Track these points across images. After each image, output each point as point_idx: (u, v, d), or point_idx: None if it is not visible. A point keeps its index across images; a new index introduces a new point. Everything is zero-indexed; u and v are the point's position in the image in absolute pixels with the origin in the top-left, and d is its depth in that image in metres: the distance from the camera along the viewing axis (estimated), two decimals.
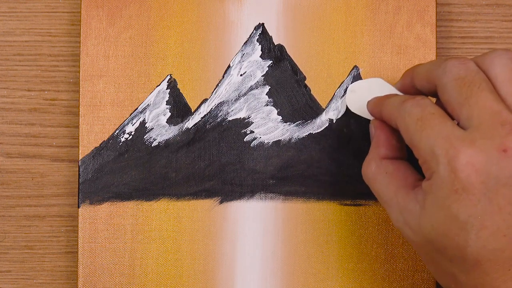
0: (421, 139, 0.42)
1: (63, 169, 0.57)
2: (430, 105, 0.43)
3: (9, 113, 0.57)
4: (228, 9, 0.55)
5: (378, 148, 0.47)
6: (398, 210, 0.44)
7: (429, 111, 0.43)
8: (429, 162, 0.42)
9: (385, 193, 0.45)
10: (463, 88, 0.42)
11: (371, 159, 0.47)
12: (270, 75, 0.55)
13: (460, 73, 0.43)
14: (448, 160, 0.40)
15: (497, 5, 0.57)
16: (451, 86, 0.43)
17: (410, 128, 0.43)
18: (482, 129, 0.41)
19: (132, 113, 0.54)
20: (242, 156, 0.54)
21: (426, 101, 0.44)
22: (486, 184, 0.40)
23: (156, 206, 0.54)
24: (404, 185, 0.45)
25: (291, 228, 0.54)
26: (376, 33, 0.55)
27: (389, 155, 0.47)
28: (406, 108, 0.44)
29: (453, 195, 0.40)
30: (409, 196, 0.44)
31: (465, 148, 0.40)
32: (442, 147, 0.41)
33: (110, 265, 0.54)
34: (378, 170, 0.46)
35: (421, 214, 0.43)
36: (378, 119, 0.48)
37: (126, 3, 0.55)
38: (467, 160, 0.40)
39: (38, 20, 0.57)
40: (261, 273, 0.54)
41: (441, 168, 0.41)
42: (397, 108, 0.45)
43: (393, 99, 0.46)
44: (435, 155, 0.41)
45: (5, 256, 0.57)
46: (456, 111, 0.42)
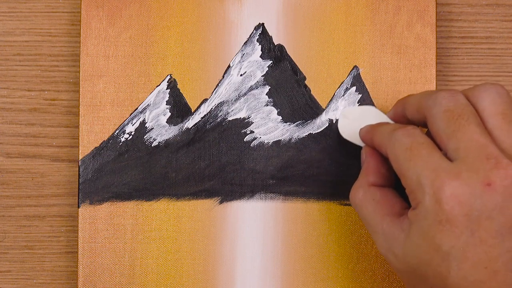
0: (409, 168, 0.43)
1: (63, 169, 0.57)
2: (420, 135, 0.44)
3: (9, 113, 0.57)
4: (228, 9, 0.55)
5: (367, 175, 0.48)
6: (384, 237, 0.45)
7: (418, 141, 0.43)
8: (416, 192, 0.42)
9: (372, 219, 0.46)
10: (452, 121, 0.43)
11: (360, 186, 0.48)
12: (270, 75, 0.55)
13: (449, 105, 0.44)
14: (433, 191, 0.41)
15: (497, 5, 0.57)
16: (440, 117, 0.43)
17: (399, 157, 0.44)
18: (468, 162, 0.41)
19: (132, 113, 0.54)
20: (242, 156, 0.54)
21: (416, 131, 0.44)
22: (469, 216, 0.41)
23: (156, 206, 0.54)
24: (391, 212, 0.46)
25: (291, 228, 0.54)
26: (376, 33, 0.55)
27: (377, 183, 0.48)
28: (397, 136, 0.44)
29: (437, 225, 0.41)
30: (395, 224, 0.45)
31: (450, 180, 0.41)
32: (428, 177, 0.42)
33: (110, 265, 0.54)
34: (365, 196, 0.47)
35: (405, 242, 0.43)
36: (369, 146, 0.49)
37: (126, 3, 0.55)
38: (451, 192, 0.41)
39: (38, 20, 0.57)
40: (261, 273, 0.54)
41: (427, 199, 0.41)
42: (388, 136, 0.45)
43: (384, 127, 0.47)
44: (422, 185, 0.42)
45: (5, 256, 0.57)
46: (444, 143, 0.43)
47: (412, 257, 0.43)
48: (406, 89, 0.54)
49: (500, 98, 0.44)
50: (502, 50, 0.57)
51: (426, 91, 0.48)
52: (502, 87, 0.44)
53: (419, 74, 0.54)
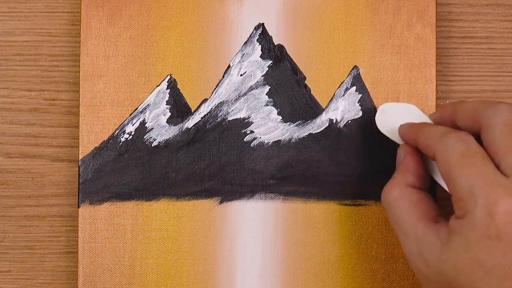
0: (461, 175, 0.41)
1: (63, 169, 0.57)
2: (475, 143, 0.43)
3: (9, 113, 0.57)
4: (228, 9, 0.55)
5: (405, 175, 0.47)
6: (416, 241, 0.44)
7: (473, 149, 0.42)
8: (465, 201, 0.41)
9: (405, 221, 0.45)
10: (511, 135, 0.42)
11: (396, 184, 0.46)
12: (270, 75, 0.55)
13: (510, 118, 0.42)
14: (487, 203, 0.40)
15: (497, 5, 0.57)
16: (500, 130, 0.42)
17: (451, 162, 0.42)
18: None
19: (132, 113, 0.54)
20: (242, 156, 0.54)
21: (471, 139, 0.43)
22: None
23: (156, 206, 0.54)
24: (426, 217, 0.44)
25: (291, 228, 0.54)
26: (376, 33, 0.55)
27: (415, 184, 0.46)
28: (449, 140, 0.43)
29: (485, 240, 0.40)
30: (430, 230, 0.43)
31: (506, 196, 0.40)
32: (482, 189, 0.40)
33: (110, 265, 0.54)
34: (401, 196, 0.46)
35: (442, 251, 0.42)
36: (410, 145, 0.48)
37: (126, 3, 0.55)
38: (506, 208, 0.40)
39: (38, 20, 0.57)
40: (261, 273, 0.54)
41: (478, 210, 0.40)
42: (439, 139, 0.44)
43: (434, 129, 0.46)
44: (474, 195, 0.41)
45: (5, 256, 0.57)
46: (499, 156, 0.42)
47: (449, 267, 0.42)
48: (406, 89, 0.54)
49: None
50: (502, 50, 0.57)
51: (484, 100, 0.47)
52: None
53: (419, 74, 0.54)
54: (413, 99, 0.54)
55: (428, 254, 0.43)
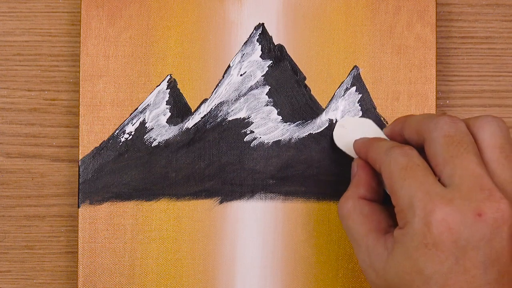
0: (402, 187, 0.43)
1: (63, 169, 0.57)
2: (417, 156, 0.44)
3: (9, 113, 0.57)
4: (228, 9, 0.55)
5: (358, 188, 0.48)
6: (366, 251, 0.45)
7: (415, 162, 0.44)
8: (405, 212, 0.42)
9: (357, 233, 0.46)
10: (450, 146, 0.43)
11: (349, 197, 0.48)
12: (270, 75, 0.55)
13: (450, 131, 0.44)
14: (424, 213, 0.41)
15: (497, 5, 0.57)
16: (439, 142, 0.44)
17: (394, 175, 0.44)
18: (462, 190, 0.42)
19: (132, 113, 0.54)
20: (242, 156, 0.54)
21: (414, 152, 0.44)
22: (456, 244, 0.41)
23: (156, 206, 0.54)
24: (376, 228, 0.46)
25: (291, 228, 0.54)
26: (376, 33, 0.55)
27: (367, 196, 0.48)
28: (393, 154, 0.45)
29: (423, 248, 0.41)
30: (379, 241, 0.45)
31: (442, 205, 0.41)
32: (421, 199, 0.42)
33: (110, 265, 0.54)
34: (354, 208, 0.47)
35: (387, 260, 0.43)
36: (362, 159, 0.49)
37: (126, 3, 0.55)
38: (442, 217, 0.41)
39: (38, 20, 0.57)
40: (261, 273, 0.54)
41: (416, 220, 0.42)
42: (384, 153, 0.45)
43: (382, 144, 0.47)
44: (413, 206, 0.42)
45: (5, 256, 0.57)
46: (440, 167, 0.43)
47: (392, 276, 0.43)
48: (406, 89, 0.54)
49: (501, 131, 0.44)
50: (502, 50, 0.57)
51: (427, 114, 0.48)
52: (503, 121, 0.45)
53: (419, 74, 0.54)
54: (413, 99, 0.54)
55: (377, 263, 0.44)
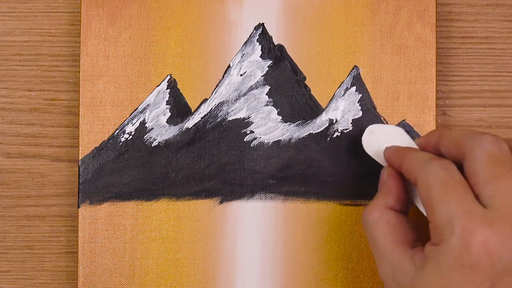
0: (440, 203, 0.42)
1: (63, 169, 0.57)
2: (457, 172, 0.43)
3: (9, 113, 0.57)
4: (228, 9, 0.55)
5: (387, 197, 0.47)
6: (390, 264, 0.44)
7: (455, 178, 0.43)
8: (442, 229, 0.41)
9: (382, 243, 0.45)
10: (493, 166, 0.42)
11: (377, 206, 0.46)
12: (270, 75, 0.55)
13: (493, 150, 0.43)
14: (463, 233, 0.40)
15: (497, 5, 0.57)
16: (482, 161, 0.43)
17: (432, 189, 0.43)
18: (504, 212, 0.41)
19: (132, 113, 0.54)
20: (242, 156, 0.54)
21: (453, 167, 0.43)
22: (494, 268, 0.40)
23: (156, 206, 0.54)
24: (403, 241, 0.45)
25: (291, 228, 0.54)
26: (376, 33, 0.55)
27: (395, 207, 0.47)
28: (431, 167, 0.43)
29: (458, 269, 0.40)
30: (406, 254, 0.44)
31: (483, 227, 0.40)
32: (460, 218, 0.41)
33: (110, 265, 0.54)
34: (381, 218, 0.46)
35: (416, 276, 0.42)
36: (393, 167, 0.48)
37: (126, 3, 0.55)
38: (482, 239, 0.40)
39: (38, 20, 0.57)
40: (261, 273, 0.54)
41: (454, 239, 0.41)
42: (421, 165, 0.44)
43: (419, 154, 0.46)
44: (451, 224, 0.41)
45: (5, 256, 0.57)
46: (479, 186, 0.42)
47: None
48: (406, 89, 0.54)
49: None
50: (502, 50, 0.57)
51: (469, 130, 0.47)
52: None
53: (419, 74, 0.54)
54: (413, 99, 0.54)
55: (402, 278, 0.43)
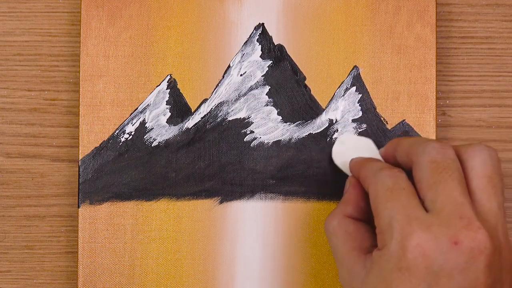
0: (384, 209, 0.43)
1: (63, 169, 0.57)
2: (403, 179, 0.45)
3: (9, 113, 0.57)
4: (228, 9, 0.55)
5: (346, 206, 0.48)
6: (347, 269, 0.45)
7: (400, 185, 0.44)
8: (384, 234, 0.43)
9: (340, 250, 0.46)
10: (435, 172, 0.43)
11: (336, 214, 0.48)
12: (270, 75, 0.55)
13: (437, 156, 0.44)
14: (401, 237, 0.41)
15: (497, 5, 0.57)
16: (425, 166, 0.44)
17: (378, 196, 0.44)
18: (441, 216, 0.42)
19: (132, 113, 0.54)
20: (242, 156, 0.54)
21: (401, 175, 0.45)
22: (430, 270, 0.41)
23: (156, 206, 0.54)
24: (359, 247, 0.46)
25: (291, 228, 0.54)
26: (376, 33, 0.55)
27: (353, 215, 0.48)
28: (381, 175, 0.45)
29: (397, 272, 0.41)
30: (359, 260, 0.45)
31: (420, 230, 0.41)
32: (399, 222, 0.42)
33: (110, 265, 0.54)
34: (339, 226, 0.47)
35: (364, 280, 0.44)
36: (355, 177, 0.49)
37: (126, 3, 0.55)
38: (418, 242, 0.41)
39: (38, 20, 0.57)
40: (261, 273, 0.54)
41: (393, 243, 0.42)
42: (374, 173, 0.46)
43: (373, 164, 0.48)
44: (392, 228, 0.42)
45: (5, 256, 0.57)
46: (423, 192, 0.43)
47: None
48: (406, 89, 0.54)
49: (491, 161, 0.44)
50: (502, 50, 0.57)
51: (419, 137, 0.49)
52: (495, 151, 0.45)
53: (419, 74, 0.54)
54: (413, 99, 0.54)
55: (354, 282, 0.45)
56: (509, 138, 0.57)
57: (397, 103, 0.55)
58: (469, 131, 0.57)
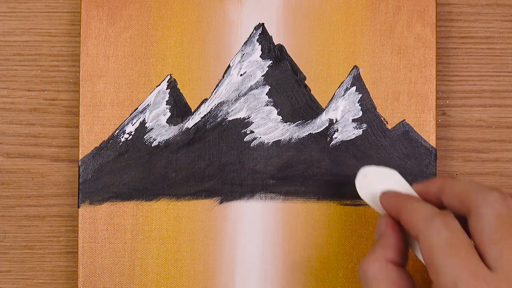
0: (445, 265, 0.41)
1: (63, 169, 0.57)
2: (460, 230, 0.42)
3: (9, 113, 0.57)
4: (228, 9, 0.55)
5: (386, 250, 0.45)
6: None
7: (459, 238, 0.41)
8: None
9: None
10: (501, 227, 0.41)
11: (376, 259, 0.44)
12: (270, 75, 0.55)
13: (502, 210, 0.42)
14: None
15: (497, 5, 0.57)
16: (489, 220, 0.42)
17: (435, 249, 0.41)
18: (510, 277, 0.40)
19: (132, 113, 0.54)
20: (242, 156, 0.54)
21: (456, 225, 0.42)
22: None
23: (156, 206, 0.54)
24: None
25: (291, 228, 0.54)
26: (376, 33, 0.55)
27: (395, 260, 0.45)
28: (435, 225, 0.42)
29: None
30: None
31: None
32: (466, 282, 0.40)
33: (110, 265, 0.54)
34: (381, 273, 0.44)
35: None
36: (391, 215, 0.46)
37: (126, 3, 0.55)
38: None
39: (38, 20, 0.57)
40: (261, 273, 0.54)
41: None
42: (423, 220, 0.43)
43: (420, 208, 0.44)
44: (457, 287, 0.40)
45: (5, 256, 0.57)
46: (485, 246, 0.41)
47: None
48: (406, 89, 0.54)
49: None
50: (502, 50, 0.57)
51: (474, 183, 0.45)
52: None
53: (419, 74, 0.54)
54: (413, 99, 0.54)
55: None
56: (509, 138, 0.57)
57: (397, 103, 0.55)
58: (469, 131, 0.57)
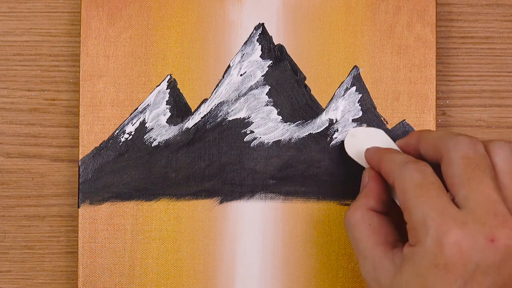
0: (416, 205, 0.43)
1: (63, 169, 0.57)
2: (432, 174, 0.44)
3: (9, 113, 0.57)
4: (228, 9, 0.55)
5: (368, 199, 0.48)
6: (372, 264, 0.45)
7: (430, 180, 0.43)
8: (418, 230, 0.42)
9: (364, 244, 0.46)
10: (468, 168, 0.43)
11: (358, 207, 0.47)
12: (270, 75, 0.55)
13: (469, 152, 0.44)
14: (437, 234, 0.41)
15: (497, 5, 0.57)
16: (458, 162, 0.43)
17: (408, 191, 0.44)
18: (476, 214, 0.42)
19: (132, 113, 0.54)
20: (242, 156, 0.54)
21: (429, 169, 0.44)
22: (466, 267, 0.41)
23: (156, 206, 0.54)
24: (384, 242, 0.46)
25: (291, 228, 0.54)
26: (376, 33, 0.55)
27: (376, 208, 0.48)
28: (408, 170, 0.44)
29: (433, 268, 0.41)
30: (387, 255, 0.45)
31: (456, 228, 0.41)
32: (434, 219, 0.42)
33: (110, 265, 0.54)
34: (362, 219, 0.47)
35: (395, 276, 0.44)
36: (374, 169, 0.49)
37: (126, 3, 0.55)
38: (455, 240, 0.41)
39: (38, 20, 0.57)
40: (261, 273, 0.54)
41: (428, 240, 0.42)
42: (398, 167, 0.45)
43: (396, 156, 0.47)
44: (426, 225, 0.42)
45: (5, 256, 0.57)
46: (455, 188, 0.43)
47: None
48: (406, 89, 0.54)
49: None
50: (502, 50, 0.57)
51: (446, 131, 0.48)
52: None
53: (419, 74, 0.54)
54: (413, 99, 0.54)
55: (382, 278, 0.44)
56: (509, 138, 0.57)
57: (397, 103, 0.55)
58: (469, 131, 0.57)
